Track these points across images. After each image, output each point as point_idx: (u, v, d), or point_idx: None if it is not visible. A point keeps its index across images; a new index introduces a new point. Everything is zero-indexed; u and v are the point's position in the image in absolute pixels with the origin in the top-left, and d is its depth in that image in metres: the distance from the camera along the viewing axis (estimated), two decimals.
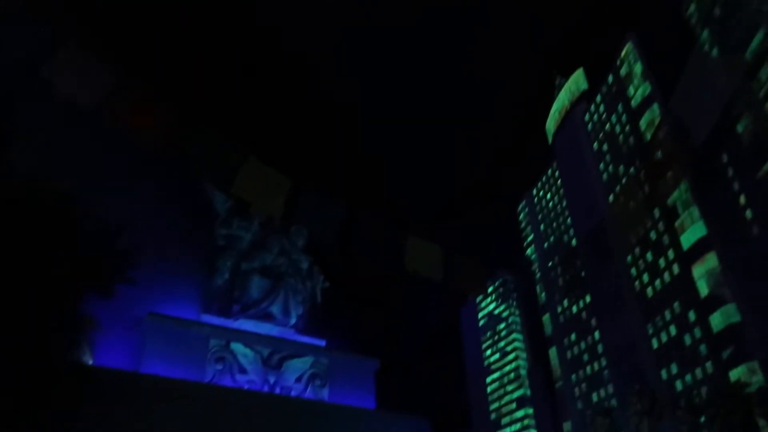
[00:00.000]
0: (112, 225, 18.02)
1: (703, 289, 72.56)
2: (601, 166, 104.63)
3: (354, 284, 22.86)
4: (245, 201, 21.68)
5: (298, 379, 18.84)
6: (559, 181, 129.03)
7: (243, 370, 17.85)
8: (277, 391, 18.07)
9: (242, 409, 16.19)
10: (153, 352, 16.48)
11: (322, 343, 20.41)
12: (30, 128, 17.42)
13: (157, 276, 18.86)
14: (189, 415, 15.34)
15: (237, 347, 18.04)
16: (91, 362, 15.75)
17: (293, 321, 20.49)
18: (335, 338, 20.83)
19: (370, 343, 21.12)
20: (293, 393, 18.37)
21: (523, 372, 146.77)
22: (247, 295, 20.05)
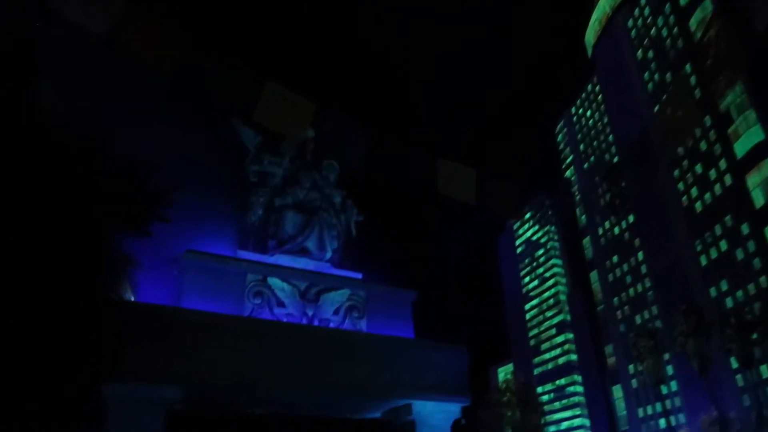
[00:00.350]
0: (145, 166, 18.09)
1: (759, 199, 69.44)
2: (646, 75, 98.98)
3: (389, 216, 22.65)
4: (273, 134, 21.56)
5: (336, 312, 19.11)
6: (599, 97, 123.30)
7: (281, 304, 18.18)
8: (316, 323, 18.40)
9: (282, 340, 16.56)
10: (192, 288, 16.85)
11: (359, 276, 20.51)
12: (55, 71, 17.24)
13: (193, 214, 19.01)
14: (231, 346, 15.78)
15: (274, 282, 18.28)
16: (132, 299, 16.25)
17: (329, 255, 20.56)
18: (372, 271, 20.87)
19: (407, 274, 21.12)
20: (331, 325, 18.69)
21: (562, 297, 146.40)
22: (281, 230, 20.11)
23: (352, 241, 21.45)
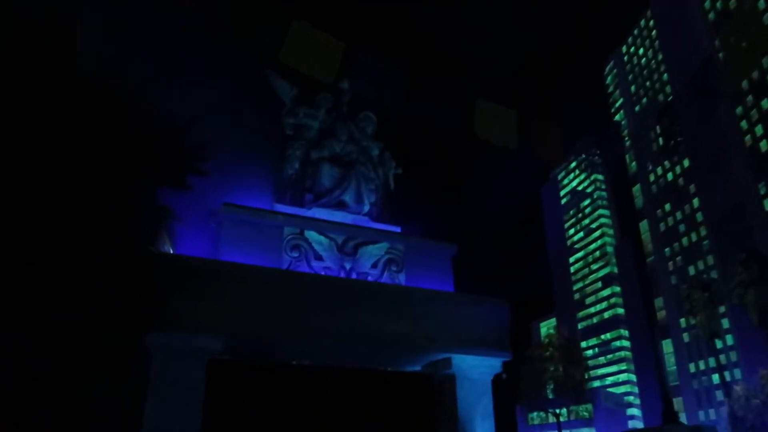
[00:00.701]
0: (181, 119, 18.00)
1: None
2: (707, 3, 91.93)
3: (428, 168, 22.00)
4: (309, 86, 21.02)
5: (374, 265, 18.89)
6: (653, 32, 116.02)
7: (318, 257, 18.07)
8: (354, 276, 18.26)
9: (321, 293, 16.52)
10: (229, 241, 16.89)
11: (397, 229, 20.15)
12: (85, 19, 17.07)
13: (229, 168, 18.92)
14: (270, 298, 15.85)
15: (311, 235, 18.13)
16: (171, 252, 16.44)
17: (366, 209, 20.22)
18: (411, 224, 20.44)
19: (447, 227, 20.60)
20: (369, 279, 18.52)
21: (609, 249, 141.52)
22: (318, 184, 19.82)
23: (390, 194, 21.00)
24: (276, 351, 17.13)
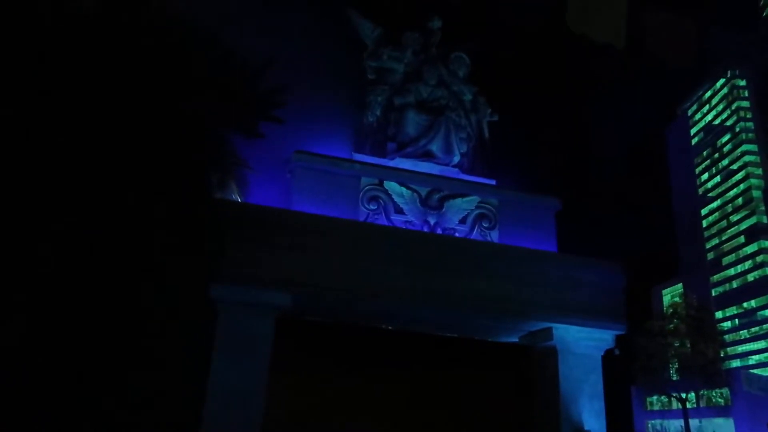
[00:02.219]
0: (256, 63, 16.90)
1: None
2: None
3: (528, 114, 19.24)
4: (394, 26, 19.09)
5: (462, 221, 16.72)
6: None
7: (399, 211, 16.25)
8: (438, 232, 16.27)
9: (401, 249, 14.73)
10: (301, 191, 15.56)
11: (492, 182, 17.80)
12: None
13: (306, 115, 17.59)
14: (344, 253, 14.35)
15: (391, 186, 16.34)
16: (239, 200, 15.41)
17: (456, 159, 18.04)
18: (508, 177, 18.02)
19: (549, 180, 17.87)
20: (457, 235, 16.42)
21: (756, 194, 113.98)
22: (402, 132, 17.94)
23: (485, 143, 18.63)
24: (353, 311, 15.62)
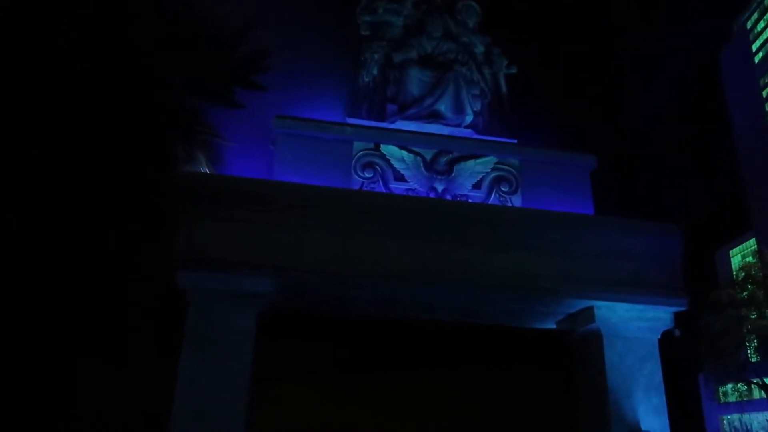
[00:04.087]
0: (237, 25, 15.00)
1: None
2: None
3: (552, 63, 16.54)
4: None
5: (476, 186, 14.16)
6: None
7: (400, 178, 13.85)
8: (448, 199, 13.80)
9: (404, 220, 12.32)
10: (284, 159, 13.38)
11: (513, 140, 15.21)
12: None
13: (293, 80, 15.50)
14: (336, 227, 12.07)
15: (390, 150, 13.96)
16: (208, 172, 13.32)
17: (469, 119, 15.53)
18: (533, 135, 15.40)
19: (583, 134, 15.11)
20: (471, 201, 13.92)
21: None
22: (404, 92, 15.56)
23: (502, 99, 16.05)
24: (349, 299, 13.22)
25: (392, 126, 14.48)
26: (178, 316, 11.88)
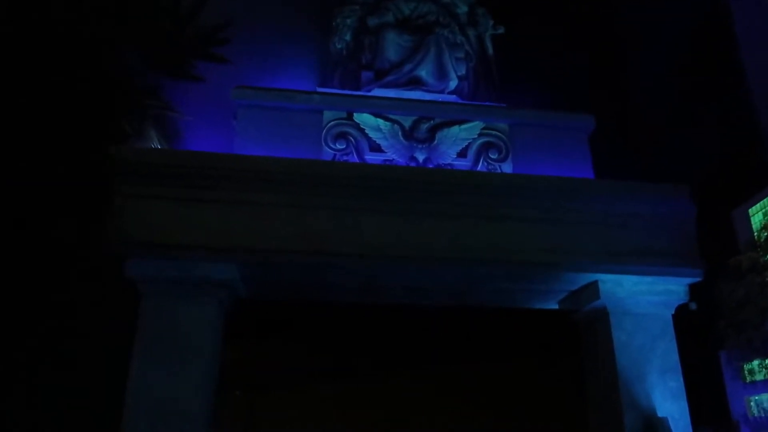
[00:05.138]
0: None
1: None
2: None
3: (544, 21, 15.10)
4: None
5: (462, 154, 12.80)
6: None
7: (376, 148, 12.51)
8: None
9: (377, 190, 11.00)
10: (245, 132, 12.05)
11: (501, 105, 13.85)
12: None
13: (259, 50, 14.23)
14: (301, 199, 10.76)
15: (364, 118, 12.63)
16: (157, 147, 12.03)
17: (453, 84, 14.17)
18: (521, 98, 14.05)
19: (579, 94, 13.74)
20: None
21: None
22: (381, 57, 14.22)
23: (489, 62, 14.67)
24: (327, 286, 11.93)
25: (366, 93, 13.15)
26: (131, 312, 10.64)
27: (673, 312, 11.84)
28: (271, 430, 12.43)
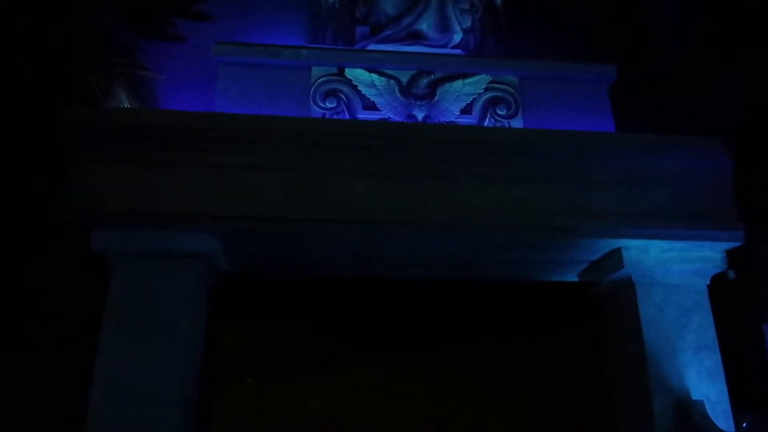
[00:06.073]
0: None
1: None
2: None
3: None
4: None
5: (466, 110, 11.49)
6: None
7: (370, 106, 11.25)
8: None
9: (370, 149, 9.78)
10: (226, 92, 10.84)
11: (509, 57, 12.54)
12: None
13: (245, 6, 13.11)
14: (287, 161, 9.59)
15: (357, 74, 11.38)
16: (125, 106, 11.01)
17: (458, 38, 12.81)
18: (532, 51, 12.70)
19: (596, 43, 12.30)
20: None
21: None
22: (377, 10, 12.94)
23: (497, 11, 13.30)
24: (319, 258, 10.79)
25: (359, 47, 11.96)
26: (102, 289, 9.70)
27: (708, 282, 10.44)
28: (282, 417, 11.70)
